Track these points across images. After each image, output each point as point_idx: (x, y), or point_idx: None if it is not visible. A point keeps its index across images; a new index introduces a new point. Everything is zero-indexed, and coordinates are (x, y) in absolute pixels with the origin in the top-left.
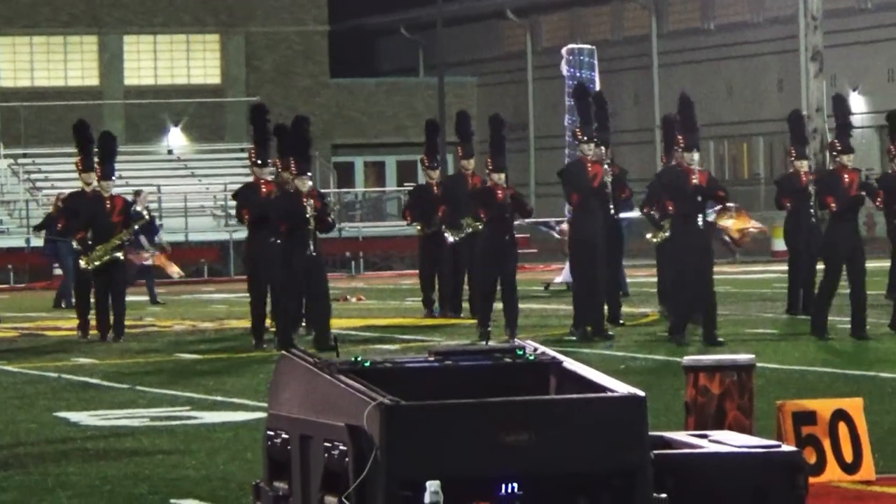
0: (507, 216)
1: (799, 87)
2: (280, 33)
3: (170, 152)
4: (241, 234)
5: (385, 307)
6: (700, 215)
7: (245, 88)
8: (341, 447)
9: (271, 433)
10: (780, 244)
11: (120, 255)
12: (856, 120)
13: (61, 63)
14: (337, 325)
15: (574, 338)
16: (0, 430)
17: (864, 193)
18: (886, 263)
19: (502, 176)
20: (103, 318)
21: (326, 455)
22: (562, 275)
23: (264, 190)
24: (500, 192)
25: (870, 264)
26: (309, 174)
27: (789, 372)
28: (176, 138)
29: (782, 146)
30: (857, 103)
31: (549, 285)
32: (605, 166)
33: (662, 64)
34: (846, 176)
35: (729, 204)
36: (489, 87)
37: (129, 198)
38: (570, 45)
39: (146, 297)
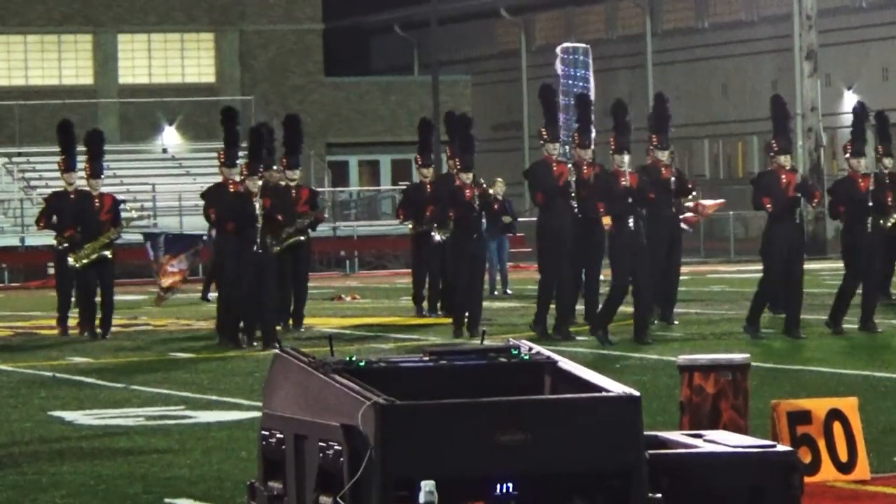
0: (474, 215)
1: (793, 87)
2: (274, 32)
3: (164, 151)
4: None
5: (379, 306)
6: (631, 217)
7: (239, 87)
8: (336, 447)
9: (266, 433)
10: None
11: (108, 253)
12: (850, 119)
13: (56, 62)
14: (331, 324)
15: (559, 337)
16: None
17: (799, 195)
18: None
19: (470, 175)
20: (90, 316)
21: (321, 455)
22: None
23: (232, 190)
24: (468, 191)
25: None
26: (258, 175)
27: (784, 371)
28: (170, 137)
29: None
30: (852, 102)
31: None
32: (570, 166)
33: (657, 63)
34: (783, 177)
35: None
36: (483, 86)
37: (120, 196)
38: (565, 44)
39: (140, 297)
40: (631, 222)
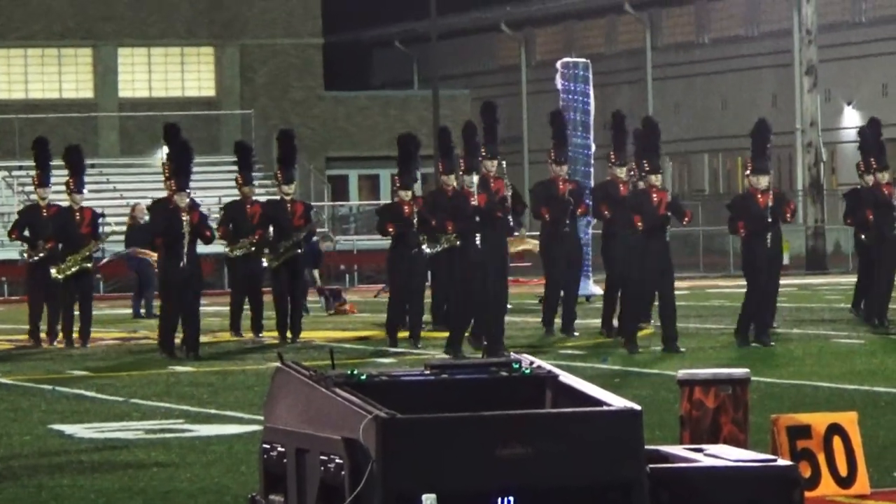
0: (413, 231)
1: (793, 102)
2: (275, 46)
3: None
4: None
5: (379, 320)
6: (478, 234)
7: (239, 101)
8: (337, 460)
9: (267, 446)
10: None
11: (89, 265)
12: (850, 135)
13: (56, 75)
14: (331, 337)
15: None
16: None
17: (670, 214)
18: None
19: (409, 192)
20: (69, 326)
21: (322, 468)
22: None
23: (171, 206)
24: (406, 208)
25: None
26: (188, 190)
27: (784, 386)
28: None
29: (776, 160)
30: (852, 118)
31: (542, 298)
32: (507, 181)
33: (657, 77)
34: (655, 195)
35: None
36: (483, 101)
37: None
38: (565, 59)
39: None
40: (478, 240)
